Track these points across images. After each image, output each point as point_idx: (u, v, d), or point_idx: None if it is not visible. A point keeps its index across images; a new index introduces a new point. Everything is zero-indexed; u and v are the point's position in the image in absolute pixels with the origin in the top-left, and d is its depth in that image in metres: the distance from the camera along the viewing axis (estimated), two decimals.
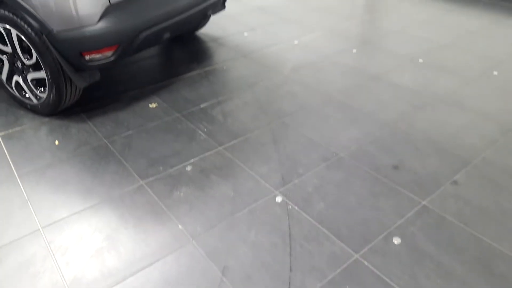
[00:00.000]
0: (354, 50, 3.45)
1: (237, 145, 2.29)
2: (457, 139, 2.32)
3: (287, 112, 2.59)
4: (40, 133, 2.40)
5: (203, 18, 3.26)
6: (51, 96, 2.39)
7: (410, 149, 2.26)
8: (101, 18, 2.19)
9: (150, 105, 2.67)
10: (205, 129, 2.42)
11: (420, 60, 3.25)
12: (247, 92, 2.83)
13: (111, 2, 2.21)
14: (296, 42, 3.62)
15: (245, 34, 3.80)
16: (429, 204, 1.88)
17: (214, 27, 3.90)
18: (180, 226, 1.77)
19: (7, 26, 2.26)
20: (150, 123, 2.49)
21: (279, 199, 1.92)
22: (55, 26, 2.13)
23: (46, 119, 2.52)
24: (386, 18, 4.28)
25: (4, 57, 2.45)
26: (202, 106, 2.66)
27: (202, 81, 2.98)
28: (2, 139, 2.34)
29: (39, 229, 1.77)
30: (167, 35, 2.63)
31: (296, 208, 1.86)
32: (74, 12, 2.12)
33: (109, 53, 2.30)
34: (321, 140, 2.32)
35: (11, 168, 2.11)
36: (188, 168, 2.11)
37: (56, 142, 2.31)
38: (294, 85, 2.92)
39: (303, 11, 4.39)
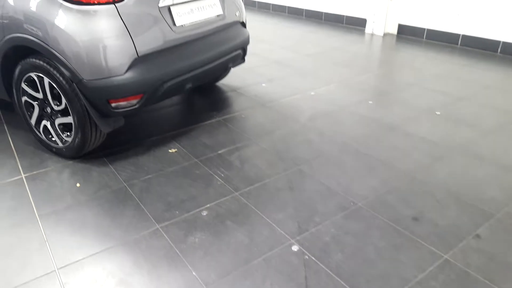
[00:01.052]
0: (370, 102, 3.52)
1: (253, 191, 2.30)
2: (477, 191, 2.28)
3: (304, 159, 2.61)
4: (62, 176, 2.47)
5: (224, 70, 3.42)
6: (76, 140, 2.48)
7: (430, 200, 2.22)
8: (128, 69, 2.32)
9: (170, 151, 2.74)
10: (222, 175, 2.45)
11: (437, 113, 3.28)
12: (264, 139, 2.88)
13: (138, 54, 2.35)
14: (312, 93, 3.72)
15: (263, 85, 3.93)
16: (451, 258, 1.81)
17: (234, 78, 4.06)
18: (194, 273, 1.75)
19: (41, 74, 2.41)
20: (169, 167, 2.54)
21: (295, 248, 1.88)
22: (85, 75, 2.26)
23: (70, 162, 2.60)
24: (402, 72, 4.38)
25: (35, 103, 2.59)
26: (220, 152, 2.72)
27: (221, 128, 3.06)
28: (26, 180, 2.41)
29: (55, 270, 1.77)
30: (189, 85, 2.76)
31: (313, 258, 1.82)
32: (104, 63, 2.26)
33: (134, 101, 2.42)
34: (338, 188, 2.31)
35: (33, 209, 2.16)
36: (204, 213, 2.12)
37: (78, 185, 2.37)
38: (311, 133, 2.96)
39: (320, 65, 4.55)
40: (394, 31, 5.88)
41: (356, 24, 6.32)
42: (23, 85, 2.54)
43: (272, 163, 2.58)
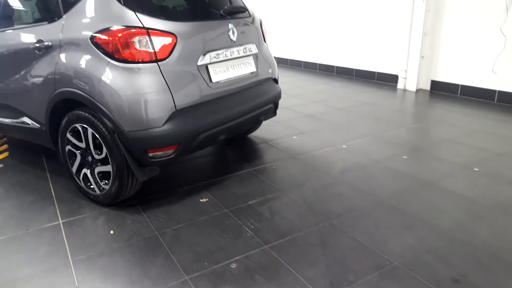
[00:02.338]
0: (405, 156, 3.46)
1: (283, 244, 2.25)
2: None
3: (335, 213, 2.56)
4: (98, 222, 2.54)
5: (255, 123, 3.52)
6: (113, 188, 2.57)
7: (471, 261, 2.08)
8: (167, 121, 2.44)
9: (201, 200, 2.77)
10: (252, 226, 2.43)
11: (476, 169, 3.17)
12: (295, 191, 2.87)
13: (176, 108, 2.48)
14: (344, 146, 3.72)
15: (294, 137, 3.98)
16: None
17: (266, 130, 4.14)
18: None
19: (85, 125, 2.57)
20: (200, 217, 2.55)
21: None
22: (126, 126, 2.40)
23: (105, 209, 2.67)
24: (436, 127, 4.33)
25: (78, 152, 2.73)
26: (250, 203, 2.71)
27: (252, 179, 3.08)
28: (63, 226, 2.49)
29: None
30: (222, 137, 2.85)
31: None
32: (144, 116, 2.39)
33: (170, 151, 2.51)
34: (372, 245, 2.23)
35: (67, 254, 2.21)
36: (233, 265, 2.08)
37: (111, 232, 2.41)
38: (343, 187, 2.92)
39: (351, 119, 4.58)
40: (427, 87, 5.90)
41: (387, 80, 6.40)
42: (68, 135, 2.71)
43: (303, 216, 2.55)
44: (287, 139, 3.93)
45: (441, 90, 5.73)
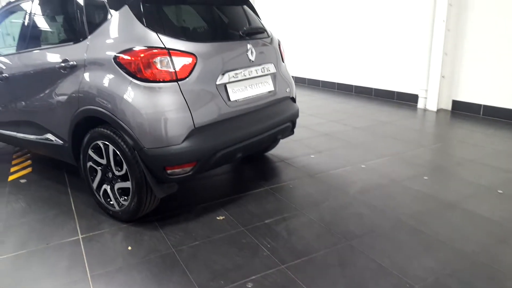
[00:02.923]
0: (426, 177, 3.39)
1: (301, 265, 2.22)
2: None
3: (354, 234, 2.51)
4: (116, 238, 2.57)
5: (273, 141, 3.53)
6: (132, 204, 2.61)
7: (494, 286, 2.00)
8: (185, 139, 2.48)
9: (218, 218, 2.77)
10: (269, 245, 2.40)
11: (500, 191, 3.08)
12: (312, 210, 2.84)
13: (195, 126, 2.52)
14: (363, 166, 3.68)
15: (312, 156, 3.97)
16: None
17: (283, 149, 4.14)
18: None
19: (106, 142, 2.63)
20: (216, 235, 2.55)
21: None
22: (146, 144, 2.44)
23: (124, 225, 2.70)
24: (458, 148, 4.24)
25: (99, 168, 2.80)
26: (267, 221, 2.70)
27: (269, 197, 3.07)
28: (82, 241, 2.53)
29: None
30: (240, 155, 2.86)
31: None
32: (164, 134, 2.44)
33: (188, 168, 2.54)
34: (392, 267, 2.17)
35: (85, 269, 2.23)
36: (249, 285, 2.06)
37: (129, 248, 2.43)
38: (362, 207, 2.88)
39: (370, 139, 4.54)
40: (448, 106, 5.81)
41: (407, 100, 6.35)
42: (90, 152, 2.77)
43: (321, 236, 2.51)
44: (305, 158, 3.92)
45: (462, 110, 5.64)
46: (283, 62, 3.44)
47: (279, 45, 3.40)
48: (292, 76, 3.65)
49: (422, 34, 5.88)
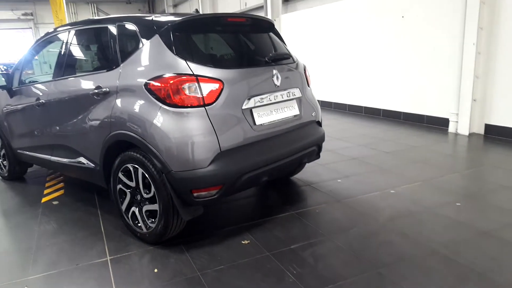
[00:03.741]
0: (458, 204, 3.26)
1: None
2: None
3: (384, 262, 2.43)
4: (143, 260, 2.59)
5: (298, 165, 3.52)
6: (159, 227, 2.64)
7: None
8: (211, 162, 2.51)
9: (243, 242, 2.75)
10: (294, 272, 2.36)
11: None
12: (340, 236, 2.77)
13: (221, 149, 2.56)
14: (392, 191, 3.58)
15: (339, 180, 3.91)
16: None
17: (309, 173, 4.11)
18: None
19: (136, 165, 2.70)
20: (241, 259, 2.53)
21: None
22: (174, 167, 2.49)
23: (151, 248, 2.73)
24: (493, 173, 4.07)
25: (128, 191, 2.86)
26: (292, 247, 2.65)
27: (295, 222, 3.03)
28: (110, 262, 2.57)
29: None
30: (265, 179, 2.86)
31: None
32: (191, 157, 2.49)
33: (214, 191, 2.56)
34: None
35: None
36: None
37: (155, 270, 2.45)
38: (391, 234, 2.79)
39: (400, 163, 4.44)
40: (481, 130, 5.63)
41: (437, 124, 6.20)
42: (120, 175, 2.85)
43: (348, 263, 2.44)
44: (332, 182, 3.86)
45: (496, 134, 5.44)
46: (309, 86, 3.46)
47: (304, 70, 3.44)
48: (318, 100, 3.65)
49: (452, 57, 5.79)
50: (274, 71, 2.97)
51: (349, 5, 7.74)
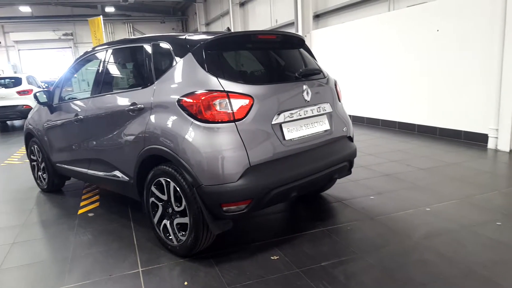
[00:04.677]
0: (499, 223, 3.10)
1: None
2: None
3: (418, 282, 2.33)
4: (173, 273, 2.62)
5: (329, 181, 3.47)
6: (189, 240, 2.67)
7: None
8: (241, 176, 2.54)
9: (272, 257, 2.73)
10: None
11: None
12: (372, 255, 2.70)
13: (251, 164, 2.58)
14: (428, 209, 3.46)
15: (372, 197, 3.82)
16: None
17: (340, 189, 4.04)
18: None
19: (168, 179, 2.77)
20: (270, 275, 2.50)
21: None
22: (204, 181, 2.53)
23: (181, 260, 2.76)
24: None
25: (160, 204, 2.93)
26: (323, 264, 2.61)
27: (325, 239, 2.98)
28: (142, 274, 2.62)
29: None
30: (294, 194, 2.85)
31: None
32: (220, 171, 2.52)
33: (243, 206, 2.57)
34: None
35: None
36: None
37: (185, 283, 2.47)
38: (426, 253, 2.68)
39: (436, 180, 4.29)
40: None
41: (476, 140, 5.95)
42: (153, 188, 2.92)
43: (381, 282, 2.36)
44: (364, 199, 3.78)
45: None
46: (340, 101, 3.44)
47: (335, 85, 3.43)
48: (350, 115, 3.62)
49: (491, 71, 5.58)
50: (304, 87, 2.98)
51: (382, 19, 7.68)
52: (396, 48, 7.37)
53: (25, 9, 19.55)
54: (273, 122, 2.74)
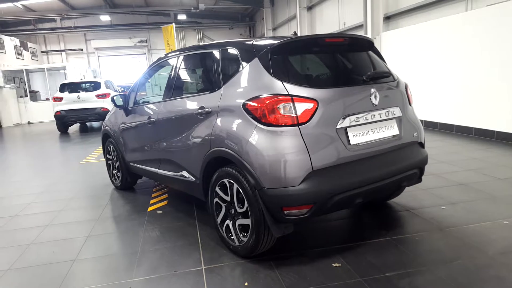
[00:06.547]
0: None
1: None
2: None
3: None
4: (234, 272, 2.68)
5: (397, 189, 3.31)
6: (251, 241, 2.72)
7: None
8: (303, 181, 2.52)
9: (334, 264, 2.67)
10: None
11: None
12: (441, 268, 2.53)
13: (313, 168, 2.55)
14: (506, 222, 3.16)
15: (443, 207, 3.58)
16: None
17: (409, 197, 3.85)
18: None
19: (231, 181, 2.84)
20: (331, 282, 2.46)
21: None
22: (266, 184, 2.56)
23: (242, 261, 2.82)
24: None
25: (223, 204, 3.01)
26: (387, 274, 2.50)
27: (391, 248, 2.85)
28: (205, 271, 2.72)
29: None
30: (359, 200, 2.77)
31: None
32: (283, 175, 2.53)
33: (304, 210, 2.56)
34: None
35: None
36: None
37: (246, 283, 2.51)
38: (503, 269, 2.45)
39: None
40: None
41: None
42: (217, 189, 3.02)
43: None
44: (434, 209, 3.56)
45: None
46: (410, 105, 3.28)
47: (406, 88, 3.28)
48: (421, 120, 3.43)
49: None
50: (372, 90, 2.89)
51: (456, 20, 7.18)
52: (473, 50, 6.84)
53: (105, 18, 21.29)
54: (337, 126, 2.69)
